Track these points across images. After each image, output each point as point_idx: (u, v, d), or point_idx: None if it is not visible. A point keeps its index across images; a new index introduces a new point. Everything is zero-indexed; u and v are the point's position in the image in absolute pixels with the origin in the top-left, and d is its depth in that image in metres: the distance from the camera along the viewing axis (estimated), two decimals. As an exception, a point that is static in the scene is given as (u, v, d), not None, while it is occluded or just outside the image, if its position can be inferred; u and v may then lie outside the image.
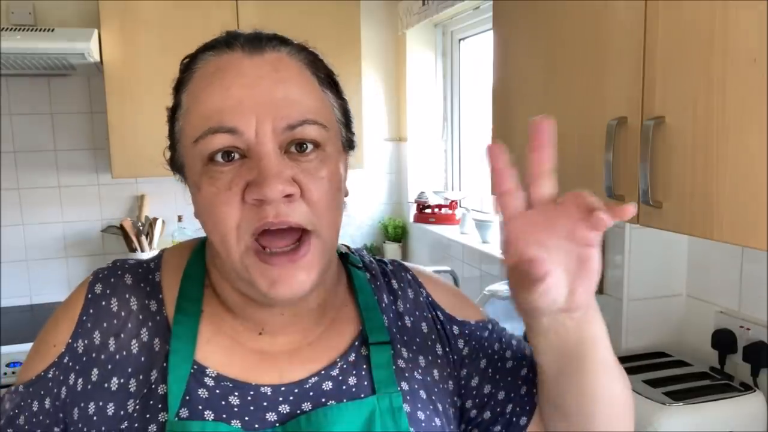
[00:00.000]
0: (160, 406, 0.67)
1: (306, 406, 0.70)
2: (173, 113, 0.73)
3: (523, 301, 0.61)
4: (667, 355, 1.48)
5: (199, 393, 0.68)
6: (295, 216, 0.64)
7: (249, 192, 0.63)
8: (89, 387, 0.69)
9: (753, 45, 0.86)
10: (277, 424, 0.68)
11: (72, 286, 0.79)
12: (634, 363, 1.42)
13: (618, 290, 1.58)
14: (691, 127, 0.97)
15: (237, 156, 0.65)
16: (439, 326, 0.81)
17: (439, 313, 0.82)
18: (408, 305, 0.81)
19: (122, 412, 0.68)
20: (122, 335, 0.71)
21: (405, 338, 0.78)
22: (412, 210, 3.29)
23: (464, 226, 2.90)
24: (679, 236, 1.53)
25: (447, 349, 0.80)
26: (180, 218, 3.01)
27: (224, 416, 0.67)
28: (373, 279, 0.82)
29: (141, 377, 0.69)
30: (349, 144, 0.78)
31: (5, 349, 2.27)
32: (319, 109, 0.70)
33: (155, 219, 2.96)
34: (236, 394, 0.69)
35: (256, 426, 0.68)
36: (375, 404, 0.71)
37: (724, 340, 1.39)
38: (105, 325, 0.71)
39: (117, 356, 0.70)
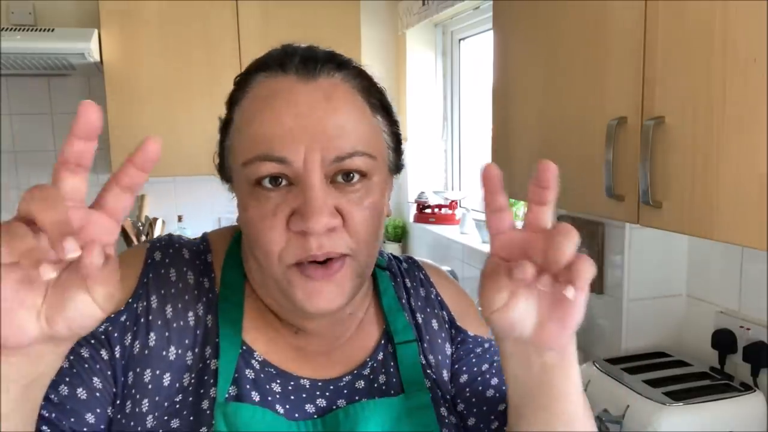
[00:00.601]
0: (212, 381, 0.69)
1: (341, 402, 0.73)
2: (225, 126, 0.72)
3: (484, 311, 0.58)
4: (667, 355, 1.48)
5: (247, 374, 0.71)
6: (336, 247, 0.65)
7: (294, 222, 0.64)
8: (146, 352, 0.69)
9: (753, 45, 0.86)
10: (316, 416, 0.71)
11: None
12: (634, 363, 1.42)
13: (618, 290, 1.58)
14: (691, 127, 0.97)
15: (284, 182, 0.65)
16: (446, 325, 0.83)
17: (445, 313, 0.84)
18: (420, 303, 0.84)
19: (178, 385, 0.69)
20: (179, 305, 0.72)
21: (421, 336, 0.81)
22: (412, 210, 3.29)
23: (464, 226, 2.90)
24: (679, 236, 1.53)
25: (453, 349, 0.82)
26: (180, 218, 3.01)
27: (269, 399, 0.70)
28: (392, 277, 0.85)
29: (197, 351, 0.71)
30: (396, 168, 0.78)
31: (5, 349, 2.27)
32: (369, 139, 0.69)
33: (155, 219, 2.96)
34: (278, 381, 0.72)
35: (296, 416, 0.71)
36: (406, 402, 0.74)
37: (724, 340, 1.39)
38: (163, 292, 0.72)
39: (174, 324, 0.71)
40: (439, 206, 3.14)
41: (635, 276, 1.56)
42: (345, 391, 0.74)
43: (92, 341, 0.68)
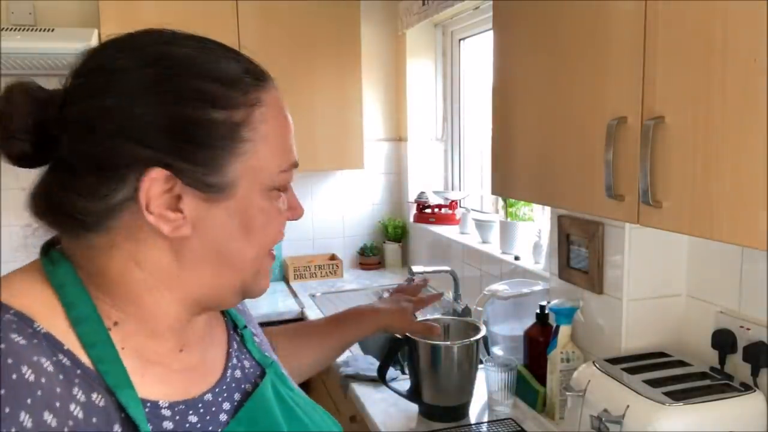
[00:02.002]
0: None
1: (236, 396, 0.78)
2: (233, 131, 0.68)
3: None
4: (667, 355, 1.48)
5: (165, 426, 0.67)
6: None
7: (290, 215, 0.77)
8: None
9: (753, 45, 0.86)
10: (230, 419, 0.75)
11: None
12: (634, 363, 1.42)
13: (618, 290, 1.58)
14: (691, 127, 0.97)
15: None
16: (253, 319, 0.98)
17: (247, 309, 0.99)
18: None
19: None
20: (57, 404, 0.57)
21: (247, 319, 0.93)
22: (412, 210, 3.29)
23: (464, 226, 2.90)
24: (679, 236, 1.53)
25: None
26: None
27: None
28: None
29: None
30: None
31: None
32: None
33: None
34: (191, 412, 0.71)
35: (219, 430, 0.73)
36: (271, 376, 0.84)
37: (724, 340, 1.39)
38: (29, 401, 0.55)
39: (65, 429, 0.57)
40: (439, 206, 3.14)
41: (635, 276, 1.56)
42: (233, 385, 0.79)
43: None
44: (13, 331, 0.59)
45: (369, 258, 3.43)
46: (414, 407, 1.77)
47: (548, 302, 1.76)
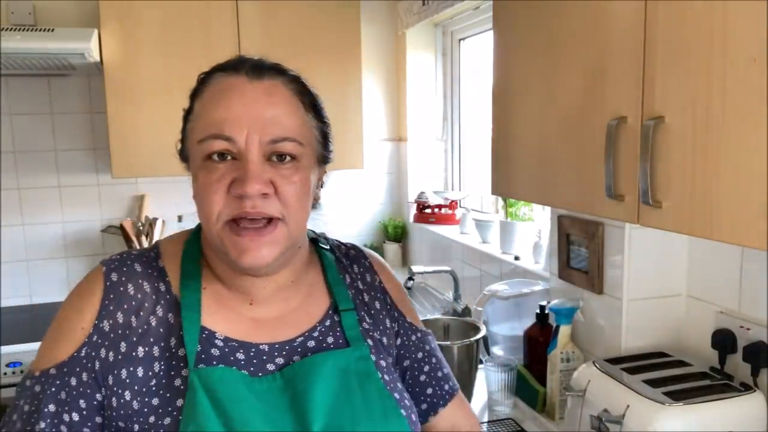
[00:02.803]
0: (182, 364, 0.85)
1: (296, 358, 0.90)
2: (187, 115, 0.91)
3: None
4: (667, 355, 1.48)
5: (212, 352, 0.87)
6: (268, 208, 0.84)
7: (234, 187, 0.83)
8: (120, 357, 0.84)
9: (753, 45, 0.86)
10: (275, 371, 0.88)
11: (72, 287, 0.93)
12: (634, 363, 1.42)
13: (618, 290, 1.58)
14: (691, 127, 0.97)
15: (230, 157, 0.84)
16: (388, 306, 1.05)
17: (387, 297, 1.06)
18: (365, 286, 1.04)
19: (150, 372, 0.84)
20: (141, 313, 0.87)
21: (365, 309, 1.01)
22: (412, 210, 3.29)
23: (464, 226, 2.90)
24: (679, 236, 1.53)
25: (393, 325, 1.04)
26: (180, 218, 3.01)
27: (234, 367, 0.86)
28: (338, 259, 1.05)
29: (162, 344, 0.86)
30: (323, 159, 0.96)
31: (5, 349, 2.27)
32: (299, 129, 0.88)
33: (155, 219, 2.97)
34: (241, 351, 0.88)
35: (260, 374, 0.87)
36: (350, 353, 0.92)
37: (724, 340, 1.39)
38: (125, 306, 0.87)
39: (140, 330, 0.86)
40: (439, 206, 3.14)
41: (635, 276, 1.56)
42: (299, 350, 0.91)
43: (77, 369, 0.84)
44: (140, 262, 0.91)
45: (369, 258, 3.43)
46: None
47: (548, 302, 1.76)
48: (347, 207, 3.43)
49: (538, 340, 1.76)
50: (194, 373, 0.83)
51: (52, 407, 0.83)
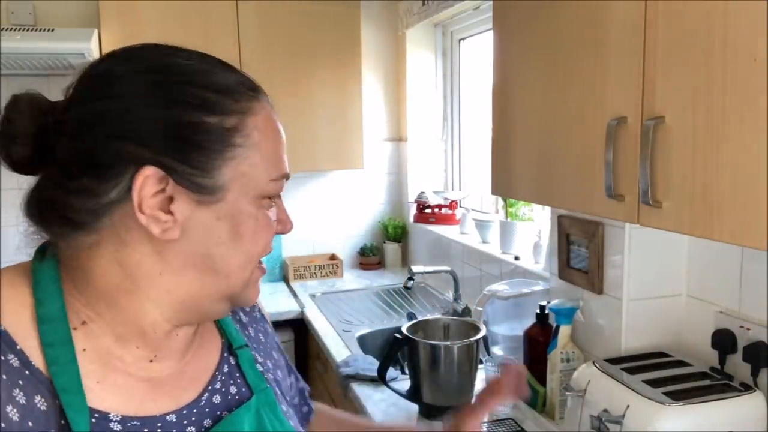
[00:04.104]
0: None
1: (207, 422, 0.74)
2: (227, 136, 0.69)
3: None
4: (667, 355, 1.48)
5: None
6: None
7: (279, 228, 0.76)
8: None
9: (753, 45, 0.86)
10: None
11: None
12: (634, 363, 1.42)
13: (618, 290, 1.58)
14: (691, 126, 0.97)
15: None
16: (270, 337, 0.94)
17: (267, 326, 0.96)
18: (248, 318, 0.93)
19: None
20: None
21: (254, 345, 0.89)
22: (412, 210, 3.29)
23: (464, 226, 2.90)
24: (679, 236, 1.53)
25: (280, 357, 0.94)
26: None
27: None
28: None
29: None
30: None
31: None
32: None
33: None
34: (146, 431, 0.69)
35: None
36: (258, 402, 0.80)
37: (724, 340, 1.39)
38: None
39: (8, 426, 0.60)
40: (439, 206, 3.14)
41: (635, 276, 1.56)
42: (207, 410, 0.76)
43: None
44: None
45: (369, 258, 3.43)
46: (414, 407, 1.77)
47: (548, 302, 1.76)
48: (348, 207, 3.43)
49: (538, 340, 1.76)
50: None
51: None
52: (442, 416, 1.69)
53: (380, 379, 1.78)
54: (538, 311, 1.79)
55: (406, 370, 1.92)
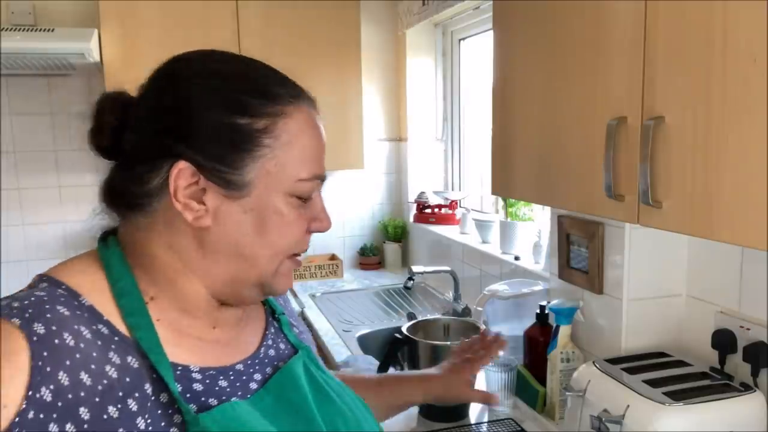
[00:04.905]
0: (170, 411, 0.73)
1: (268, 370, 0.87)
2: (257, 135, 0.78)
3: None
4: (667, 355, 1.48)
5: (194, 387, 0.77)
6: None
7: (314, 225, 0.84)
8: (86, 426, 0.65)
9: (753, 45, 0.86)
10: (259, 388, 0.83)
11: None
12: (634, 363, 1.42)
13: (618, 290, 1.58)
14: (691, 126, 0.97)
15: None
16: (293, 310, 1.09)
17: (289, 303, 1.10)
18: None
19: (136, 431, 0.69)
20: (93, 366, 0.68)
21: (287, 312, 1.02)
22: (412, 210, 3.29)
23: (464, 226, 2.90)
24: (679, 236, 1.53)
25: (305, 326, 1.07)
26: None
27: (224, 398, 0.78)
28: None
29: (137, 395, 0.70)
30: None
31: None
32: None
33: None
34: (222, 377, 0.81)
35: (248, 395, 0.81)
36: (304, 357, 0.92)
37: (724, 340, 1.39)
38: (68, 363, 0.65)
39: (99, 387, 0.67)
40: (439, 206, 3.14)
41: (635, 276, 1.56)
42: (266, 360, 0.88)
43: None
44: (61, 304, 0.70)
45: (369, 258, 3.43)
46: (414, 407, 1.78)
47: (548, 302, 1.76)
48: (347, 207, 3.43)
49: (538, 340, 1.76)
50: (206, 418, 0.73)
51: None
52: (443, 416, 1.69)
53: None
54: (538, 311, 1.79)
55: (407, 370, 1.92)
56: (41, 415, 0.62)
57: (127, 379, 0.70)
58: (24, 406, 0.61)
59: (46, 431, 0.63)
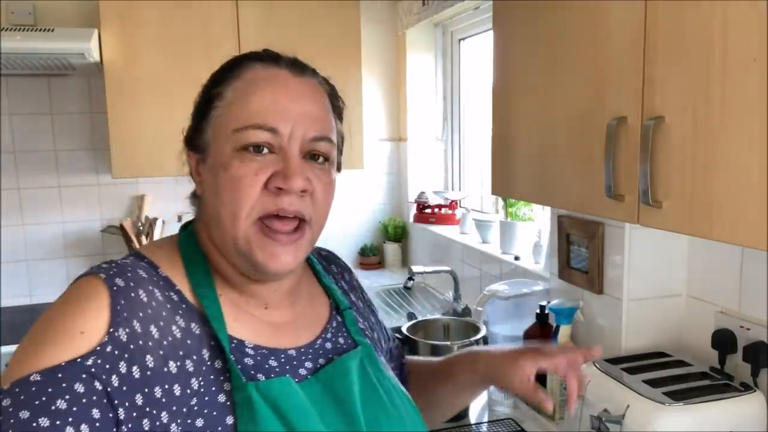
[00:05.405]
0: (222, 378, 0.78)
1: (321, 361, 0.88)
2: (210, 101, 0.86)
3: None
4: (667, 355, 1.48)
5: (245, 361, 0.81)
6: (304, 208, 0.83)
7: (274, 181, 0.80)
8: (149, 373, 0.72)
9: (753, 45, 0.86)
10: (310, 375, 0.85)
11: (72, 287, 0.83)
12: (634, 363, 1.42)
13: (618, 290, 1.58)
14: (691, 126, 0.97)
15: (267, 151, 0.82)
16: (368, 303, 1.11)
17: (364, 294, 1.12)
18: (347, 285, 1.08)
19: (188, 391, 0.75)
20: (161, 323, 0.76)
21: (354, 308, 1.03)
22: (412, 210, 3.29)
23: (464, 226, 2.90)
24: (679, 236, 1.53)
25: (375, 320, 1.09)
26: (180, 218, 3.01)
27: (272, 376, 0.81)
28: (319, 262, 1.06)
29: (195, 357, 0.77)
30: (338, 166, 0.96)
31: (5, 349, 2.27)
32: (331, 131, 0.89)
33: (155, 219, 2.97)
34: (272, 358, 0.84)
35: (296, 380, 0.83)
36: (362, 352, 0.92)
37: (724, 340, 1.39)
38: (141, 314, 0.74)
39: (164, 342, 0.75)
40: (439, 206, 3.14)
41: (635, 276, 1.56)
42: (320, 352, 0.90)
43: (83, 375, 0.68)
44: (141, 269, 0.80)
45: (369, 258, 3.43)
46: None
47: (548, 302, 1.77)
48: (347, 207, 3.43)
49: (539, 340, 1.76)
50: (252, 387, 0.77)
51: (44, 421, 0.64)
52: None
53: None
54: (538, 311, 1.79)
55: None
56: (116, 352, 0.70)
57: (189, 342, 0.78)
58: (105, 339, 0.70)
59: (116, 368, 0.70)
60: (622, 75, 1.12)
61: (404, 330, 1.85)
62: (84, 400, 0.67)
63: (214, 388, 0.77)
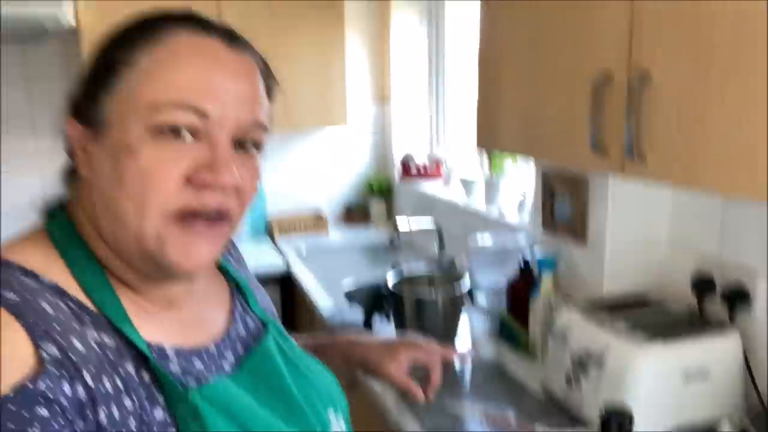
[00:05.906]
0: (153, 391, 0.67)
1: (239, 349, 0.82)
2: (113, 64, 0.69)
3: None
4: (648, 299, 1.51)
5: (172, 368, 0.71)
6: (228, 204, 0.70)
7: (200, 174, 0.67)
8: (93, 393, 0.61)
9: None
10: (236, 367, 0.79)
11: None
12: (615, 307, 1.45)
13: (600, 240, 1.61)
14: (679, 78, 0.99)
15: (188, 136, 0.67)
16: (252, 277, 0.98)
17: (248, 272, 0.99)
18: (233, 259, 0.96)
19: (125, 411, 0.63)
20: (79, 336, 0.63)
21: (247, 278, 0.95)
22: (398, 169, 3.30)
23: (449, 183, 2.92)
24: (661, 187, 1.55)
25: (264, 293, 0.98)
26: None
27: (201, 379, 0.73)
28: None
29: (121, 372, 0.65)
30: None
31: None
32: (266, 116, 0.74)
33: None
34: (196, 358, 0.75)
35: (224, 376, 0.76)
36: (273, 332, 0.87)
37: (703, 284, 1.43)
38: (56, 326, 0.61)
39: (92, 355, 0.62)
40: (425, 166, 3.15)
41: (618, 226, 1.59)
42: (236, 340, 0.83)
43: (40, 399, 0.56)
44: (25, 277, 0.64)
45: (355, 214, 3.45)
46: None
47: (531, 253, 1.79)
48: (333, 164, 3.43)
49: (521, 288, 1.79)
50: (196, 396, 0.68)
51: None
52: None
53: (366, 329, 1.83)
54: (521, 262, 1.82)
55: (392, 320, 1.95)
56: (56, 371, 0.58)
57: (110, 356, 0.65)
58: (39, 361, 0.57)
59: (63, 391, 0.58)
60: (609, 29, 1.13)
61: (390, 283, 1.88)
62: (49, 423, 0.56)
63: (148, 405, 0.65)
